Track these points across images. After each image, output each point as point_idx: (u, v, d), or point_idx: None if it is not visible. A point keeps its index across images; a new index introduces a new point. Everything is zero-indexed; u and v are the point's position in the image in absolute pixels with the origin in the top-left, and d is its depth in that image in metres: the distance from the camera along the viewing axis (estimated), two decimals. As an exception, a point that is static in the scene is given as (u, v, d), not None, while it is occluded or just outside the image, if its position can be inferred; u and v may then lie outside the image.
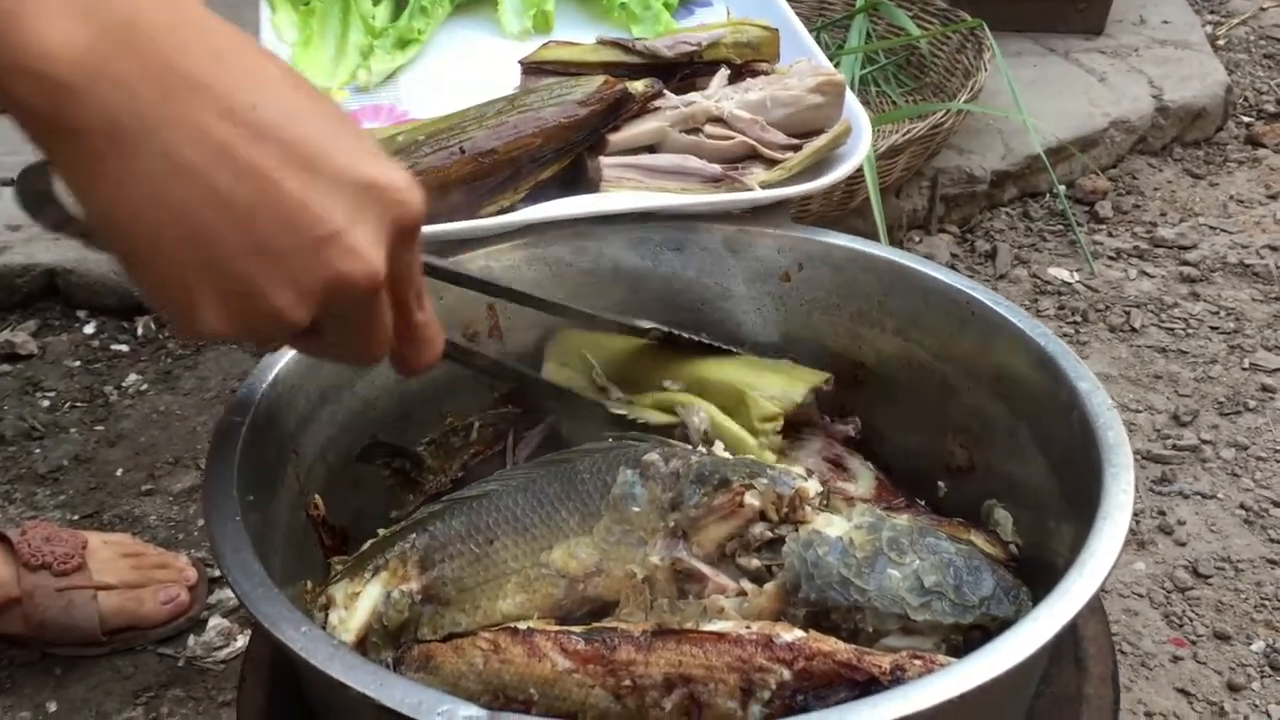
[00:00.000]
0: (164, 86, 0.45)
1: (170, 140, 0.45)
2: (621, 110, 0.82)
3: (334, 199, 0.48)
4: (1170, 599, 1.19)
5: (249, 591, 0.55)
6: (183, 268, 0.47)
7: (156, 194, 0.46)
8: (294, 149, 0.47)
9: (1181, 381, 1.46)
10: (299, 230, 0.47)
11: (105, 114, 0.44)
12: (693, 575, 0.67)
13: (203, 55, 0.46)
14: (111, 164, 0.45)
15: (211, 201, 0.46)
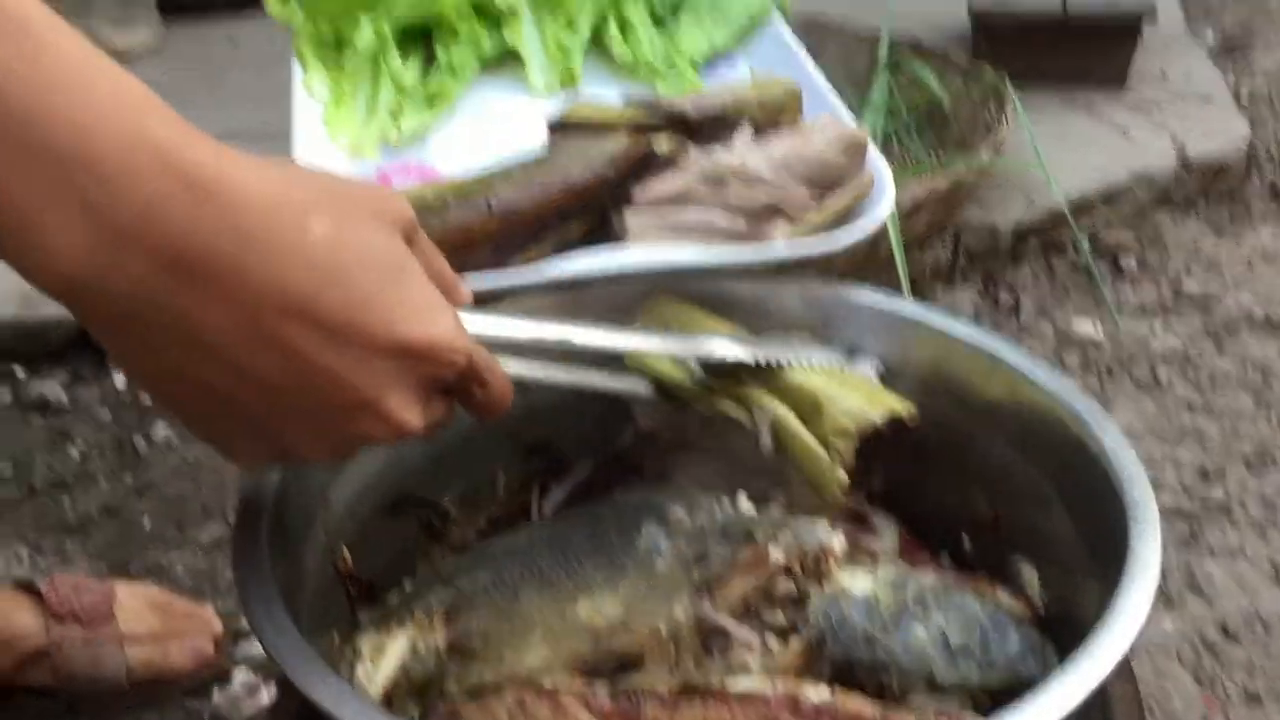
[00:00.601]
0: (178, 279, 0.44)
1: (190, 329, 0.45)
2: (647, 167, 0.84)
3: (365, 369, 0.49)
4: (1200, 658, 1.18)
5: (277, 645, 0.56)
6: (216, 427, 0.50)
7: (181, 372, 0.47)
8: (321, 321, 0.47)
9: (1208, 437, 1.45)
10: (330, 401, 0.49)
11: (120, 309, 0.44)
12: (717, 630, 0.67)
13: (221, 236, 0.44)
14: (135, 346, 0.47)
15: (239, 379, 0.47)
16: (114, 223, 0.42)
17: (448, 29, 1.09)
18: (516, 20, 1.10)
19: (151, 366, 0.47)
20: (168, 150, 0.44)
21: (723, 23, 1.18)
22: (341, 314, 0.47)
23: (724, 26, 1.18)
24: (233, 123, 2.01)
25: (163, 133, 0.44)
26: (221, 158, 0.46)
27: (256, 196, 0.46)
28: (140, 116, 0.44)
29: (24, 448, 1.41)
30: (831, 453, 0.71)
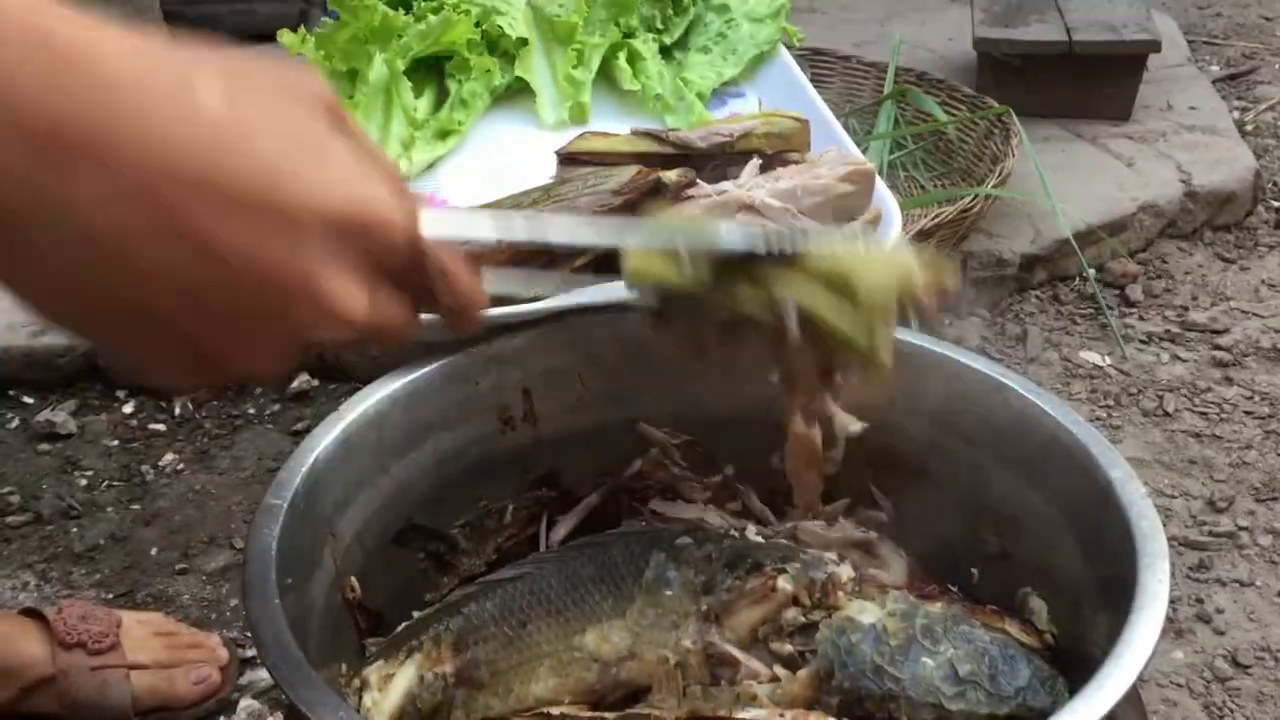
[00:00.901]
0: (53, 164, 0.38)
1: (79, 225, 0.39)
2: (655, 199, 0.84)
3: (289, 247, 0.41)
4: (1210, 689, 1.17)
5: (286, 675, 0.56)
6: (133, 342, 0.43)
7: (82, 283, 0.40)
8: (228, 198, 0.40)
9: (1217, 467, 1.44)
10: (258, 294, 0.42)
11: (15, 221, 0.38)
12: (725, 660, 0.67)
13: (91, 110, 0.38)
14: (23, 255, 0.39)
15: (145, 281, 0.40)
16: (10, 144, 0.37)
17: (459, 62, 1.10)
18: (527, 53, 1.12)
19: (50, 282, 0.40)
20: (26, 18, 0.38)
21: (730, 56, 1.19)
22: (249, 186, 0.40)
23: (732, 59, 1.19)
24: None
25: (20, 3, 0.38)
26: (90, 28, 0.39)
27: (129, 65, 0.39)
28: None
29: (32, 476, 1.42)
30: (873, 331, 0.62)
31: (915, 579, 0.76)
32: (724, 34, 1.20)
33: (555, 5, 1.14)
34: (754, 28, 1.20)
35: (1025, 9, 2.17)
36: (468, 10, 1.10)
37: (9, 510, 1.37)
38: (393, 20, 1.10)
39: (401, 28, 1.10)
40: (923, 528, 0.80)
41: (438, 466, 0.78)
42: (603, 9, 1.16)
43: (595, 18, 1.16)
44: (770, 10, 1.20)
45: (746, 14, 1.21)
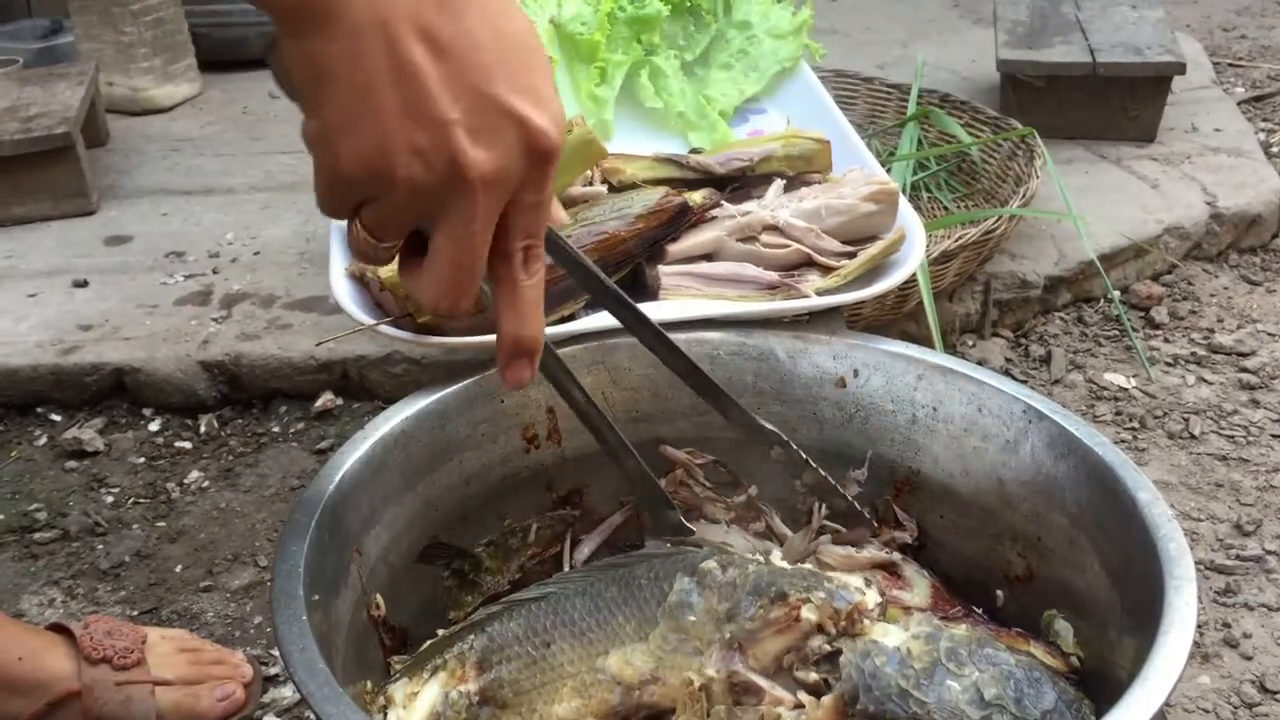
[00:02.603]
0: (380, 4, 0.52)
1: (372, 42, 0.52)
2: (681, 222, 0.85)
3: (467, 101, 0.54)
4: (1237, 715, 1.16)
5: (314, 691, 0.56)
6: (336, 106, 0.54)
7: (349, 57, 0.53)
8: (453, 51, 0.53)
9: (1244, 490, 1.43)
10: (428, 108, 0.53)
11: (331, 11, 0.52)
12: (749, 688, 0.66)
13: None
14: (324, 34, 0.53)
15: (376, 68, 0.53)
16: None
17: (483, 82, 1.11)
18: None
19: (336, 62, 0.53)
20: None
21: (753, 72, 1.20)
22: (479, 69, 0.53)
23: (754, 76, 1.19)
24: (269, 172, 2.06)
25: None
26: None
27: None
28: None
29: (59, 493, 1.43)
30: None
31: (939, 600, 0.75)
32: (746, 51, 1.21)
33: (578, 23, 1.15)
34: (776, 44, 1.20)
35: (1049, 30, 2.17)
36: (492, 30, 1.11)
37: (36, 527, 1.38)
38: (420, 41, 1.11)
39: (428, 49, 1.11)
40: (947, 549, 0.80)
41: (463, 485, 0.79)
42: (625, 27, 1.17)
43: (618, 35, 1.16)
44: (792, 27, 1.21)
45: (768, 30, 1.21)
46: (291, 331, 1.57)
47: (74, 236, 1.86)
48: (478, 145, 0.54)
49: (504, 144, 0.54)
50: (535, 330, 0.60)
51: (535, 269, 0.59)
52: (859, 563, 0.78)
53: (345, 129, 0.54)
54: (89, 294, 1.69)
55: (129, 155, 2.15)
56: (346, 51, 0.53)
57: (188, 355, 1.54)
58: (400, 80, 0.53)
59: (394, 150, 0.54)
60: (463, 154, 0.54)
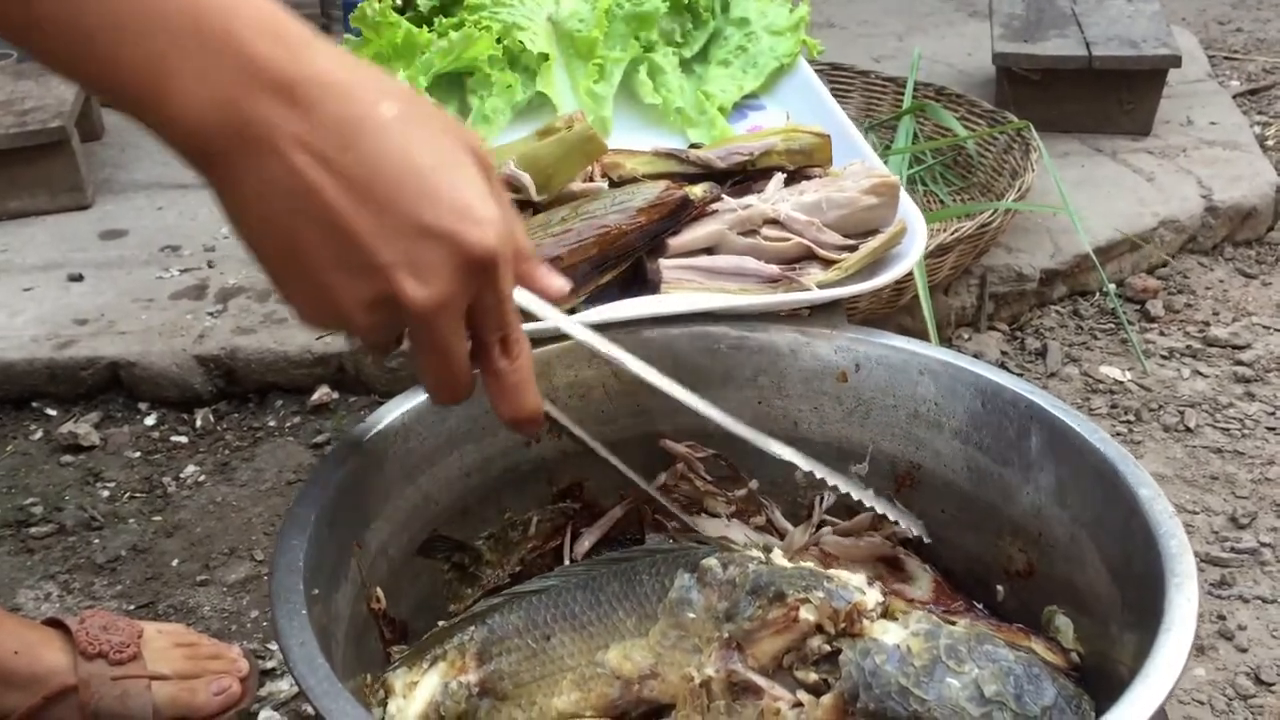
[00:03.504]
0: (277, 131, 0.53)
1: (271, 177, 0.53)
2: (682, 215, 0.84)
3: (397, 240, 0.54)
4: (1232, 706, 1.16)
5: (313, 685, 0.56)
6: (282, 269, 0.56)
7: (263, 208, 0.55)
8: (369, 195, 0.54)
9: (1239, 483, 1.44)
10: (363, 258, 0.55)
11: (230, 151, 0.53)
12: (748, 687, 0.66)
13: (312, 106, 0.53)
14: (229, 188, 0.55)
15: (298, 223, 0.54)
16: (231, 75, 0.52)
17: (481, 78, 1.10)
18: (548, 69, 1.12)
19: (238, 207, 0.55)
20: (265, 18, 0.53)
21: (751, 69, 1.19)
22: (391, 190, 0.54)
23: (752, 72, 1.19)
24: (264, 165, 2.05)
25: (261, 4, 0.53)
26: (310, 33, 0.54)
27: (336, 67, 0.54)
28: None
29: (55, 487, 1.42)
30: None
31: (940, 595, 0.75)
32: (744, 47, 1.21)
33: (576, 20, 1.15)
34: (773, 40, 1.20)
35: (1045, 24, 2.17)
36: (489, 26, 1.11)
37: (32, 521, 1.37)
38: (415, 37, 1.10)
39: (424, 45, 1.10)
40: (948, 543, 0.80)
41: (463, 478, 0.79)
42: (623, 23, 1.16)
43: (615, 32, 1.16)
44: (789, 23, 1.21)
45: (766, 27, 1.21)
46: (287, 325, 1.57)
47: (69, 230, 1.86)
48: (418, 280, 0.55)
49: (442, 270, 0.55)
50: (530, 408, 0.63)
51: (515, 353, 0.61)
52: (861, 551, 0.78)
53: (289, 288, 0.57)
54: (84, 288, 1.68)
55: (124, 149, 2.14)
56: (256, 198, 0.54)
57: (183, 349, 1.53)
58: (326, 233, 0.54)
59: (342, 306, 0.56)
60: (405, 295, 0.55)
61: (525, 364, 0.62)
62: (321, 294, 0.56)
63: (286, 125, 0.53)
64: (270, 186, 0.54)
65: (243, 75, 0.52)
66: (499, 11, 1.13)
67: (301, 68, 0.53)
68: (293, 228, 0.54)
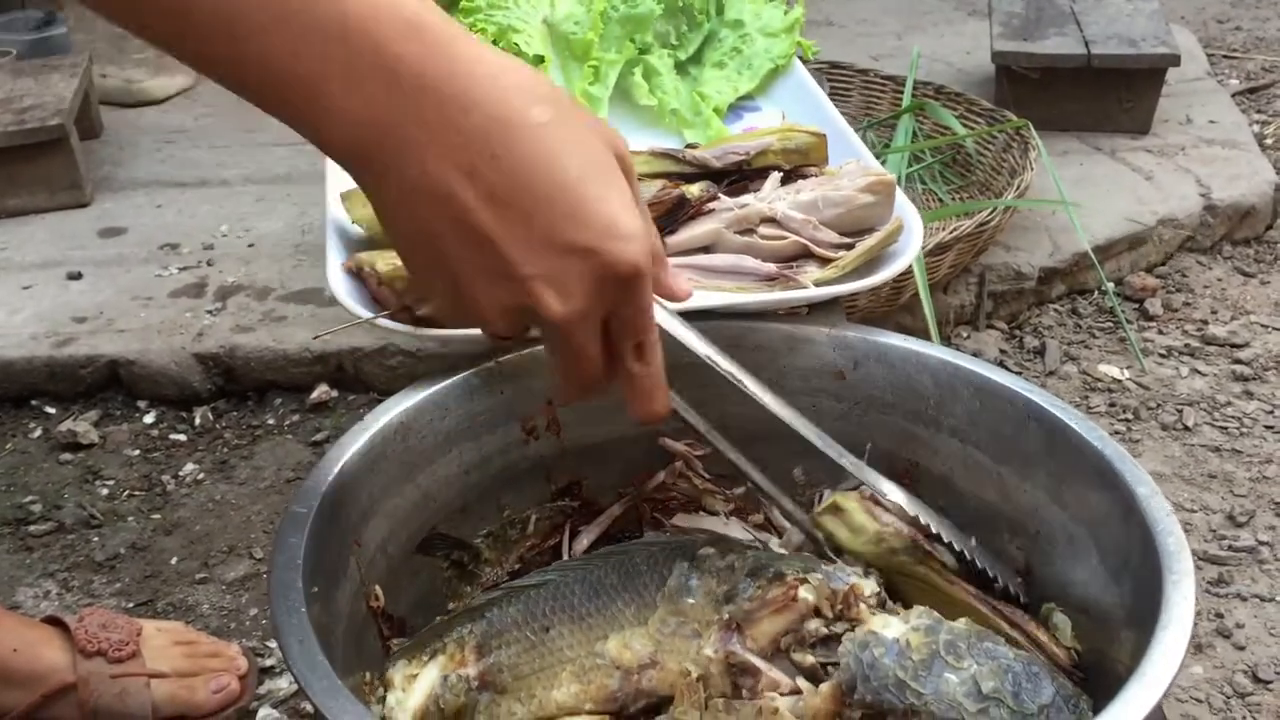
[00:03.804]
0: (414, 143, 0.53)
1: (416, 184, 0.54)
2: (678, 214, 0.84)
3: (541, 253, 0.55)
4: (1230, 704, 1.16)
5: (313, 683, 0.56)
6: (424, 270, 0.58)
7: (409, 211, 0.55)
8: (514, 206, 0.54)
9: (1237, 481, 1.44)
10: (505, 268, 0.55)
11: (375, 156, 0.54)
12: (746, 669, 0.67)
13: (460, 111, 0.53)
14: (377, 190, 0.56)
15: (442, 228, 0.55)
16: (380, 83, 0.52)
17: (478, 76, 1.10)
18: (544, 71, 1.12)
19: (388, 205, 0.56)
20: (413, 21, 0.53)
21: (746, 70, 1.19)
22: (534, 203, 0.54)
23: (747, 74, 1.19)
24: (264, 166, 2.05)
25: (411, 6, 0.53)
26: (461, 32, 0.54)
27: (487, 69, 0.54)
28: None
29: (54, 485, 1.43)
30: None
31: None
32: (739, 49, 1.21)
33: (571, 23, 1.15)
34: (768, 42, 1.20)
35: (1044, 22, 2.17)
36: (484, 29, 1.11)
37: (31, 519, 1.37)
38: (414, 36, 1.10)
39: (422, 43, 1.10)
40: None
41: (462, 476, 0.79)
42: (618, 26, 1.16)
43: (611, 34, 1.16)
44: (784, 25, 1.21)
45: (761, 29, 1.21)
46: (286, 324, 1.57)
47: (68, 229, 1.86)
48: (558, 293, 0.56)
49: (583, 284, 0.56)
50: (660, 408, 0.64)
51: (649, 358, 0.62)
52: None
53: (429, 287, 0.58)
54: (83, 286, 1.69)
55: (123, 147, 2.14)
56: (403, 202, 0.55)
57: (182, 348, 1.53)
58: (469, 241, 0.55)
59: (480, 309, 0.57)
60: (546, 306, 0.56)
61: (658, 367, 0.63)
62: (461, 296, 0.57)
63: (433, 132, 0.53)
64: (416, 192, 0.54)
65: (389, 82, 0.52)
66: (494, 14, 1.13)
67: (447, 69, 0.53)
68: (436, 233, 0.55)
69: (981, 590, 0.72)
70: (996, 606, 0.70)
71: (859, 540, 0.73)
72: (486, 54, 0.55)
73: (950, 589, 0.71)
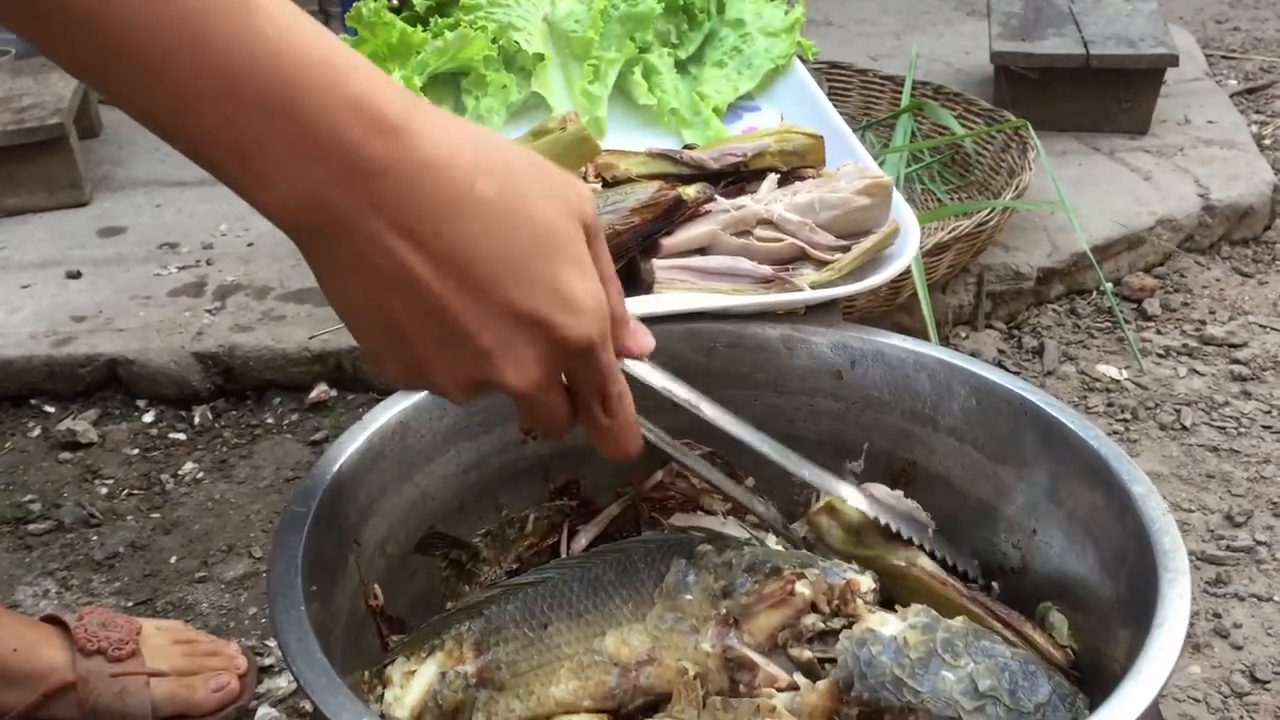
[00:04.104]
0: (370, 218, 0.51)
1: (373, 259, 0.52)
2: (675, 216, 0.85)
3: (493, 325, 0.54)
4: (1227, 704, 1.16)
5: (312, 681, 0.56)
6: (374, 340, 0.56)
7: (352, 286, 0.54)
8: (467, 276, 0.53)
9: (1235, 481, 1.44)
10: (457, 343, 0.55)
11: (325, 234, 0.53)
12: (744, 664, 0.67)
13: (412, 188, 0.52)
14: (329, 265, 0.54)
15: (391, 302, 0.54)
16: (321, 161, 0.50)
17: (476, 78, 1.11)
18: (543, 69, 1.12)
19: (332, 279, 0.55)
20: (367, 98, 0.51)
21: (745, 70, 1.19)
22: (481, 268, 0.53)
23: (747, 74, 1.19)
24: (262, 163, 2.05)
25: (362, 84, 0.51)
26: (411, 107, 0.52)
27: (432, 147, 0.52)
28: (337, 71, 0.51)
29: (53, 484, 1.43)
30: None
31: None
32: (739, 48, 1.21)
33: (571, 21, 1.15)
34: (769, 42, 1.20)
35: (1042, 22, 2.17)
36: (484, 27, 1.11)
37: (30, 518, 1.38)
38: (410, 37, 1.10)
39: (419, 44, 1.10)
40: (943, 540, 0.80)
41: (460, 475, 0.79)
42: (618, 24, 1.17)
43: (611, 33, 1.16)
44: (784, 25, 1.21)
45: (761, 28, 1.21)
46: (285, 323, 1.57)
47: (67, 228, 1.86)
48: (515, 366, 0.55)
49: (537, 355, 0.56)
50: (631, 449, 0.64)
51: (614, 410, 0.62)
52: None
53: (382, 357, 0.57)
54: (82, 285, 1.69)
55: (122, 146, 2.15)
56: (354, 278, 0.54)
57: (182, 347, 1.54)
58: (424, 315, 0.54)
59: (437, 380, 0.57)
60: (504, 380, 0.56)
61: (626, 415, 0.63)
62: (417, 368, 0.56)
63: (383, 211, 0.52)
64: (364, 268, 0.53)
65: (334, 162, 0.51)
66: (494, 12, 1.13)
67: (395, 151, 0.51)
68: (388, 308, 0.54)
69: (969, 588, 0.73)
70: (990, 606, 0.70)
71: (852, 542, 0.73)
72: (441, 128, 0.53)
73: (943, 590, 0.71)
